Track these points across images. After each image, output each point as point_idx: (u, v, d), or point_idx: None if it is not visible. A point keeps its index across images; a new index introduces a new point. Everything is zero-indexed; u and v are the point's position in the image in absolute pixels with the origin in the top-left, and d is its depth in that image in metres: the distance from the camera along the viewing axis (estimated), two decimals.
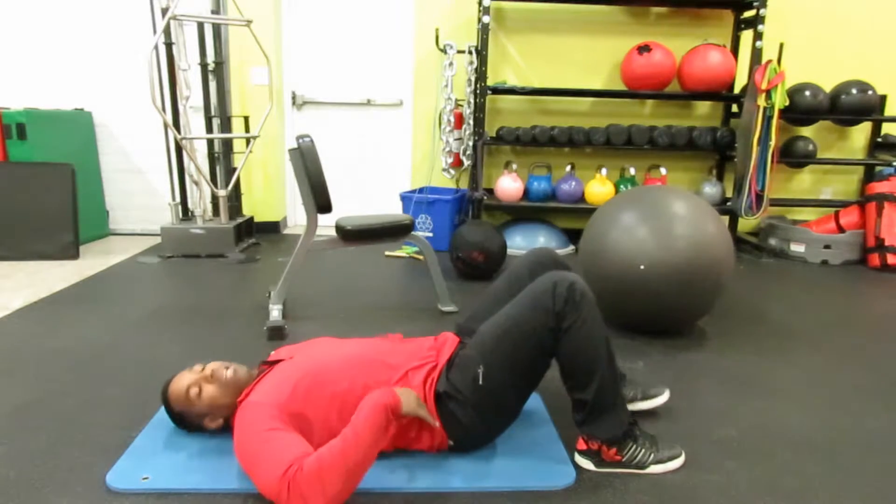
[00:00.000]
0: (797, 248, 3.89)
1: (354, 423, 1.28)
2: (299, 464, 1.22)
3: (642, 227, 2.26)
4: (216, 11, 3.99)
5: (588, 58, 4.22)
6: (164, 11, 3.43)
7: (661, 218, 2.27)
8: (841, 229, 3.88)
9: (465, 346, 1.55)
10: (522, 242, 3.97)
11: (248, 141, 3.92)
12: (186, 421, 1.55)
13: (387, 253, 3.82)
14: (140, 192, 4.30)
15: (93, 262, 3.52)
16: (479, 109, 3.93)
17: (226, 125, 4.08)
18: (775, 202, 3.99)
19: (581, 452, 1.53)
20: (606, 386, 1.44)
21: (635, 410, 1.73)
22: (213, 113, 4.05)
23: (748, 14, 3.97)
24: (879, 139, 4.22)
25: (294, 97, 4.44)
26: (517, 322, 1.44)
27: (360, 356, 1.52)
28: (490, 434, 1.55)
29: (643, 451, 1.49)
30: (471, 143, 4.02)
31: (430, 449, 1.51)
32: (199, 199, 3.76)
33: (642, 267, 2.17)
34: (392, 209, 4.53)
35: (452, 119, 4.00)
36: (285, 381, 1.43)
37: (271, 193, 4.42)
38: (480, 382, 1.44)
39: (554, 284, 1.42)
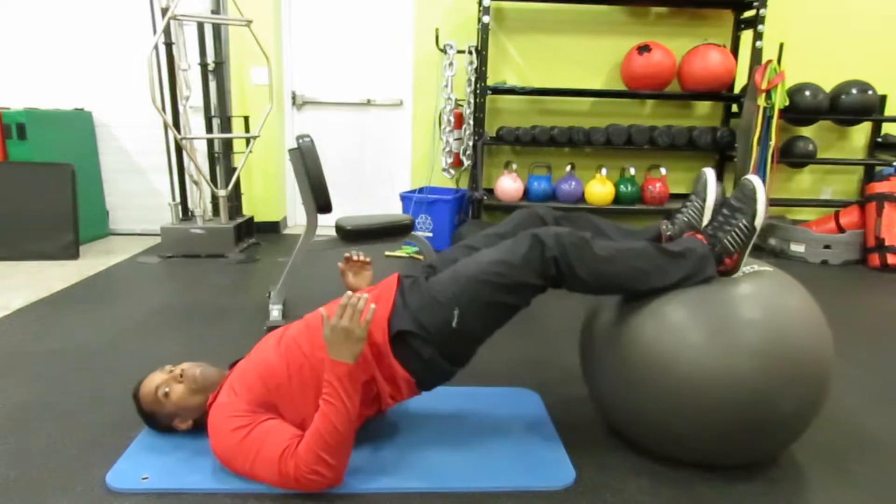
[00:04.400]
0: (797, 248, 3.88)
1: (324, 403, 1.32)
2: (292, 449, 1.32)
3: (688, 316, 1.43)
4: (216, 11, 3.99)
5: (588, 58, 4.22)
6: (164, 11, 3.43)
7: (714, 301, 1.44)
8: (841, 229, 3.87)
9: (430, 279, 1.51)
10: None
11: (248, 141, 3.92)
12: (156, 421, 1.56)
13: (387, 253, 3.82)
14: (140, 192, 4.30)
15: (93, 262, 3.52)
16: (478, 109, 3.93)
17: (226, 125, 4.08)
18: (775, 202, 3.99)
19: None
20: (657, 272, 1.44)
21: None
22: (213, 113, 4.05)
23: (748, 14, 3.97)
24: (879, 139, 4.22)
25: (294, 97, 4.44)
26: (501, 274, 1.39)
27: (290, 335, 1.52)
28: (451, 369, 1.51)
29: (729, 237, 1.48)
30: (471, 143, 4.02)
31: (400, 396, 1.48)
32: (199, 199, 3.76)
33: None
34: (392, 209, 4.53)
35: (452, 119, 4.00)
36: (240, 379, 1.46)
37: (271, 193, 4.42)
38: (454, 325, 1.41)
39: (539, 242, 1.38)
